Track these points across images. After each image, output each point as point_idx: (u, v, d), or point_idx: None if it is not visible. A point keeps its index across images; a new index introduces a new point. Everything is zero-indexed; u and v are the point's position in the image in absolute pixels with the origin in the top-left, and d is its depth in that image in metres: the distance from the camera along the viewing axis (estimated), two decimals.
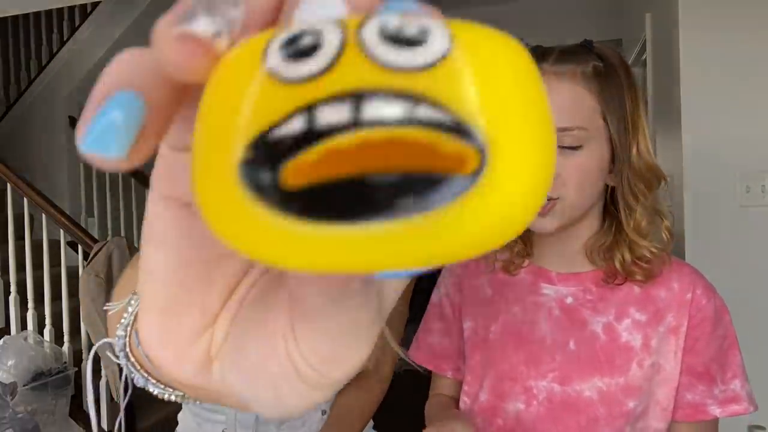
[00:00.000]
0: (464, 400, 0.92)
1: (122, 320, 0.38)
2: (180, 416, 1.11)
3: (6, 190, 3.18)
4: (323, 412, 1.05)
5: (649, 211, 0.81)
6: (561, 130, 0.76)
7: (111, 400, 2.88)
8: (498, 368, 0.87)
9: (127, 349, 0.37)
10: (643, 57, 2.61)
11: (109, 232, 4.16)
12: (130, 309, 0.39)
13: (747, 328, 1.88)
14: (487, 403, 0.88)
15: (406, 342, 1.03)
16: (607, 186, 0.83)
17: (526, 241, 0.89)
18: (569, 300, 0.85)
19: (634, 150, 0.79)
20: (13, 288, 3.02)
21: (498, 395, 0.87)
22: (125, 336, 0.38)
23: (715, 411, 0.81)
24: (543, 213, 0.79)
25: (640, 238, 0.80)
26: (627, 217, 0.81)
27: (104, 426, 2.94)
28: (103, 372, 2.87)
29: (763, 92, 1.89)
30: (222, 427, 1.02)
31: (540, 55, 0.80)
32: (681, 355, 0.81)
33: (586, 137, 0.77)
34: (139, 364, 0.36)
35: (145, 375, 0.37)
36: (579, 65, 0.78)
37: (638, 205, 0.80)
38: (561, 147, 0.76)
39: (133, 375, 0.39)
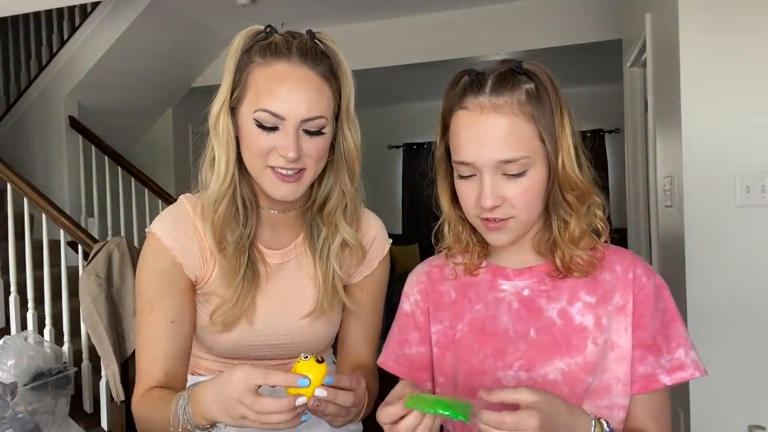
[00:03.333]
0: None
1: (179, 407, 0.87)
2: None
3: (6, 190, 3.18)
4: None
5: (582, 219, 0.89)
6: (507, 161, 0.82)
7: (111, 400, 2.87)
8: (468, 364, 0.92)
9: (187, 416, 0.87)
10: (643, 57, 2.61)
11: (109, 232, 4.16)
12: (181, 401, 0.87)
13: (747, 327, 1.89)
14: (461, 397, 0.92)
15: None
16: None
17: (483, 244, 0.95)
18: (526, 292, 0.92)
19: (560, 166, 0.85)
20: (13, 288, 3.02)
21: (470, 390, 0.92)
22: (184, 413, 0.87)
23: (665, 380, 0.87)
24: (498, 229, 0.87)
25: (573, 248, 0.89)
26: (561, 229, 0.89)
27: (104, 426, 2.94)
28: (103, 372, 2.87)
29: (763, 92, 1.88)
30: None
31: (476, 85, 0.85)
32: (631, 330, 0.88)
33: (530, 163, 0.84)
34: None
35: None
36: (514, 93, 0.83)
37: (571, 217, 0.88)
38: (506, 174, 0.83)
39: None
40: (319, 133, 0.95)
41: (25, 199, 3.12)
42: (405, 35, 4.38)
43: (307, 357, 0.81)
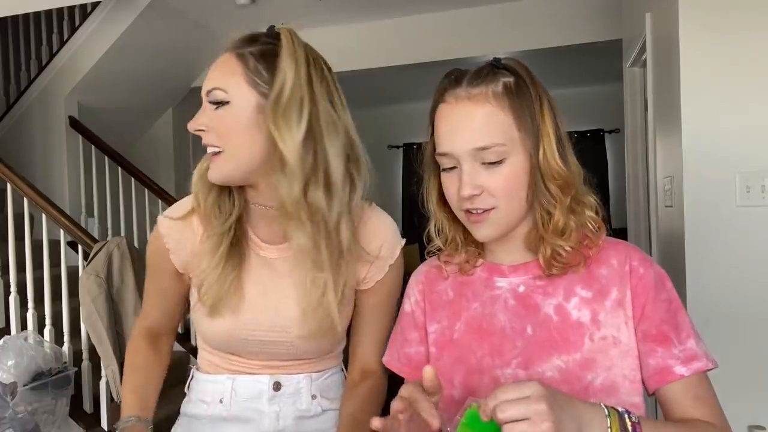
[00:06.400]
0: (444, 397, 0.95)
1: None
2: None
3: (6, 190, 3.18)
4: (312, 396, 1.09)
5: (566, 210, 0.87)
6: (482, 149, 0.83)
7: (111, 400, 2.88)
8: (466, 363, 0.92)
9: None
10: (643, 57, 2.61)
11: (109, 232, 4.16)
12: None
13: (747, 327, 1.89)
14: (460, 398, 0.92)
15: None
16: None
17: (477, 243, 0.95)
18: (521, 288, 0.91)
19: (541, 156, 0.85)
20: (13, 288, 3.02)
21: (469, 389, 0.91)
22: None
23: (681, 370, 0.83)
24: (480, 221, 0.87)
25: (557, 238, 0.87)
26: (545, 220, 0.88)
27: (104, 426, 2.94)
28: (103, 372, 2.87)
29: (763, 92, 1.89)
30: (220, 396, 1.09)
31: (455, 79, 0.87)
32: (633, 324, 0.85)
33: (506, 151, 0.84)
34: None
35: None
36: (489, 84, 0.85)
37: (555, 208, 0.87)
38: (485, 163, 0.84)
39: None
40: (219, 104, 0.96)
41: (25, 199, 3.12)
42: (405, 35, 4.38)
43: None
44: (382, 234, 1.07)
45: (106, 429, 2.93)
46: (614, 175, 5.97)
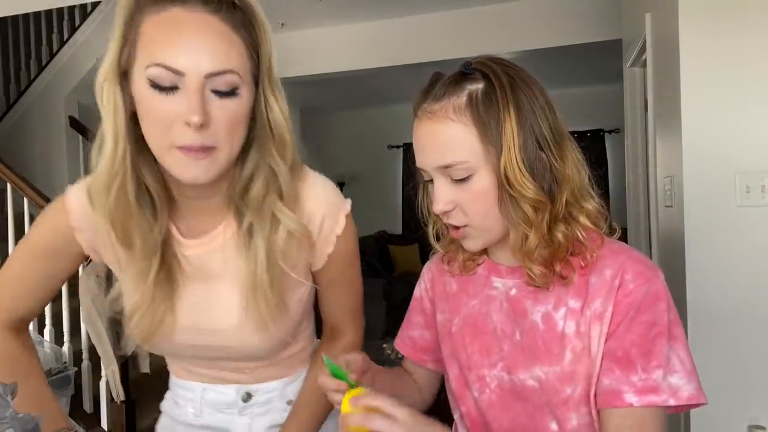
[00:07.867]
0: (447, 388, 0.98)
1: None
2: (163, 404, 1.12)
3: (6, 190, 3.18)
4: (288, 402, 1.02)
5: (542, 233, 0.81)
6: (446, 166, 0.81)
7: (111, 400, 2.88)
8: (459, 358, 0.93)
9: None
10: (643, 57, 2.61)
11: None
12: None
13: (747, 327, 1.89)
14: (455, 391, 0.95)
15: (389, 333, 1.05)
16: None
17: None
18: (513, 292, 0.89)
19: (502, 169, 0.79)
20: None
21: (461, 383, 0.93)
22: None
23: (632, 399, 0.77)
24: (459, 236, 0.87)
25: (528, 261, 0.84)
26: (522, 244, 0.83)
27: (104, 426, 2.94)
28: (103, 372, 2.87)
29: (762, 92, 1.89)
30: (191, 404, 1.04)
31: (425, 91, 0.85)
32: (604, 339, 0.81)
33: (472, 167, 0.80)
34: None
35: None
36: (451, 98, 0.81)
37: (530, 230, 0.81)
38: (454, 180, 0.81)
39: None
40: (231, 94, 0.77)
41: (25, 199, 3.12)
42: (405, 35, 4.38)
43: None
44: (322, 208, 0.92)
45: (106, 429, 2.93)
46: (614, 175, 5.97)
